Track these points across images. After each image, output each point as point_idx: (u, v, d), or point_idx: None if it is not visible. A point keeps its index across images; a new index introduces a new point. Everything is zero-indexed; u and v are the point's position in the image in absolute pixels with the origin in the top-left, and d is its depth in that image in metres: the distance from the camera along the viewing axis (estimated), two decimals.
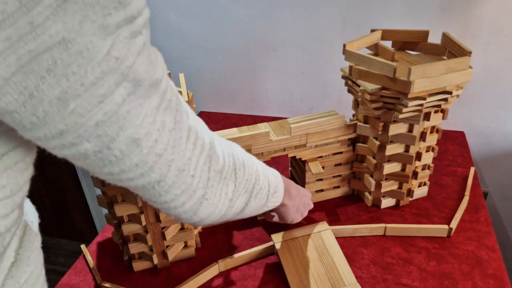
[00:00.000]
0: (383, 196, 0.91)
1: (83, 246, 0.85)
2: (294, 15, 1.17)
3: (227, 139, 0.78)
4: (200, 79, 1.37)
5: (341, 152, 0.89)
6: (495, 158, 1.22)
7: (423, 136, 0.82)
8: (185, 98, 0.68)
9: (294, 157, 0.88)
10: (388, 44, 0.87)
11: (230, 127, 0.87)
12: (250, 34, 1.24)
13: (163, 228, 0.74)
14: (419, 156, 0.86)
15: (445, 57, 0.81)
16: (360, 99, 0.81)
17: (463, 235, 0.83)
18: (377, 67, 0.73)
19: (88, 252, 0.83)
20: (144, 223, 0.71)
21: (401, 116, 0.76)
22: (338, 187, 0.95)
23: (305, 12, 1.16)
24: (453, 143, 1.15)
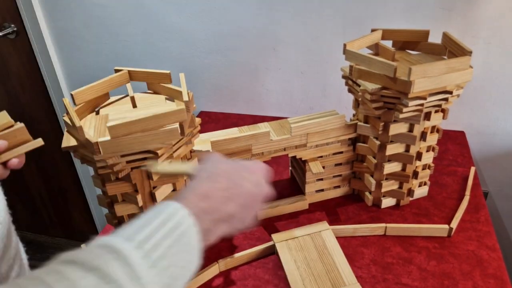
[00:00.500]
0: (384, 196, 0.91)
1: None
2: (295, 15, 1.17)
3: (227, 138, 0.79)
4: (201, 79, 1.37)
5: (342, 152, 0.89)
6: (496, 158, 1.22)
7: (424, 136, 0.82)
8: (185, 98, 0.68)
9: (295, 157, 0.88)
10: (389, 44, 0.87)
11: (231, 127, 0.87)
12: (251, 34, 1.24)
13: None
14: (420, 156, 0.85)
15: (446, 57, 0.81)
16: (361, 99, 0.81)
17: (464, 235, 0.83)
18: (378, 67, 0.73)
19: None
20: None
21: (402, 116, 0.76)
22: (339, 187, 0.95)
23: (306, 12, 1.16)
24: (454, 143, 1.15)
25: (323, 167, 0.87)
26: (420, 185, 0.93)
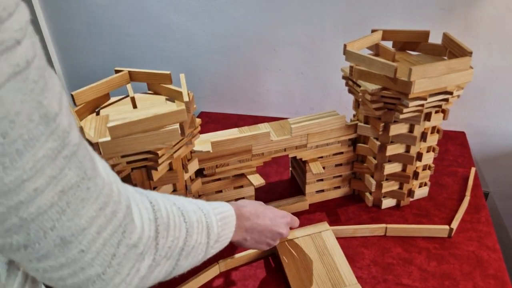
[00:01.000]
0: (384, 197, 0.91)
1: None
2: (295, 15, 1.17)
3: (228, 138, 0.79)
4: (201, 79, 1.37)
5: (342, 153, 0.89)
6: (496, 158, 1.22)
7: (424, 136, 0.82)
8: (186, 99, 0.68)
9: (295, 157, 0.88)
10: (389, 45, 0.87)
11: (231, 127, 0.87)
12: (251, 34, 1.24)
13: None
14: (420, 157, 0.85)
15: (446, 58, 0.81)
16: (361, 99, 0.81)
17: (464, 236, 0.83)
18: (378, 67, 0.73)
19: None
20: None
21: (402, 117, 0.76)
22: (339, 187, 0.95)
23: (306, 12, 1.16)
24: (454, 143, 1.15)
25: (323, 168, 0.87)
26: (421, 186, 0.93)
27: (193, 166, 0.78)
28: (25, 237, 0.30)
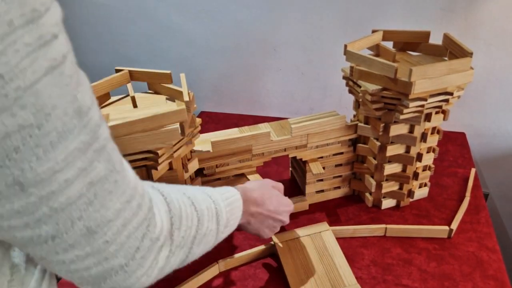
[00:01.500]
0: (384, 197, 0.91)
1: None
2: (295, 15, 1.17)
3: (228, 138, 0.79)
4: (201, 79, 1.37)
5: (342, 153, 0.89)
6: (496, 159, 1.22)
7: (424, 137, 0.82)
8: (186, 98, 0.68)
9: (295, 158, 0.88)
10: (389, 45, 0.87)
11: (231, 127, 0.87)
12: (251, 34, 1.24)
13: None
14: (420, 157, 0.85)
15: (446, 58, 0.81)
16: (361, 100, 0.81)
17: (464, 236, 0.83)
18: (378, 68, 0.73)
19: None
20: None
21: (402, 117, 0.76)
22: (339, 188, 0.95)
23: (306, 13, 1.16)
24: (454, 144, 1.15)
25: (324, 168, 0.87)
26: (421, 186, 0.93)
27: (193, 166, 0.78)
28: (54, 227, 0.31)
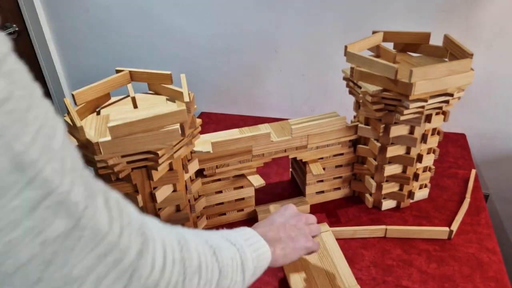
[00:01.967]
0: (384, 198, 0.91)
1: None
2: (296, 17, 1.17)
3: (228, 139, 0.79)
4: (202, 80, 1.37)
5: (342, 154, 0.89)
6: (496, 161, 1.22)
7: (424, 138, 0.82)
8: (186, 99, 0.68)
9: (295, 158, 0.88)
10: (390, 46, 0.87)
11: (231, 128, 0.87)
12: (252, 35, 1.24)
13: None
14: (420, 158, 0.85)
15: (447, 59, 0.81)
16: (361, 101, 0.81)
17: (464, 238, 0.83)
18: (379, 69, 0.73)
19: None
20: None
21: (402, 118, 0.76)
22: (339, 189, 0.95)
23: (307, 14, 1.16)
24: (454, 145, 1.15)
25: (324, 169, 0.87)
26: (421, 187, 0.93)
27: (193, 167, 0.78)
28: None
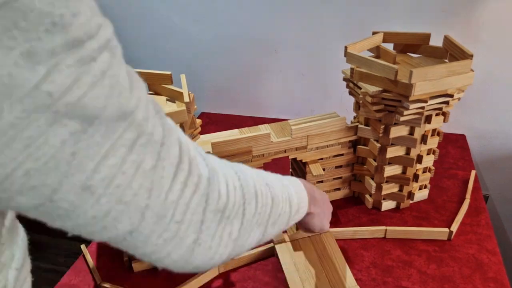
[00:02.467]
0: (384, 199, 0.91)
1: (83, 246, 0.85)
2: (296, 17, 1.17)
3: (228, 139, 0.79)
4: (202, 80, 1.37)
5: (342, 154, 0.89)
6: (496, 161, 1.22)
7: (424, 139, 0.82)
8: (186, 99, 0.68)
9: (295, 159, 0.88)
10: (390, 47, 0.87)
11: (231, 129, 0.87)
12: (252, 36, 1.24)
13: None
14: (420, 159, 0.85)
15: (447, 60, 0.81)
16: (361, 101, 0.81)
17: (464, 238, 0.83)
18: (379, 70, 0.73)
19: (88, 252, 0.83)
20: None
21: (402, 119, 0.76)
22: (339, 189, 0.95)
23: (307, 14, 1.16)
24: (454, 146, 1.15)
25: (324, 169, 0.87)
26: (421, 188, 0.93)
27: None
28: (128, 222, 0.33)
